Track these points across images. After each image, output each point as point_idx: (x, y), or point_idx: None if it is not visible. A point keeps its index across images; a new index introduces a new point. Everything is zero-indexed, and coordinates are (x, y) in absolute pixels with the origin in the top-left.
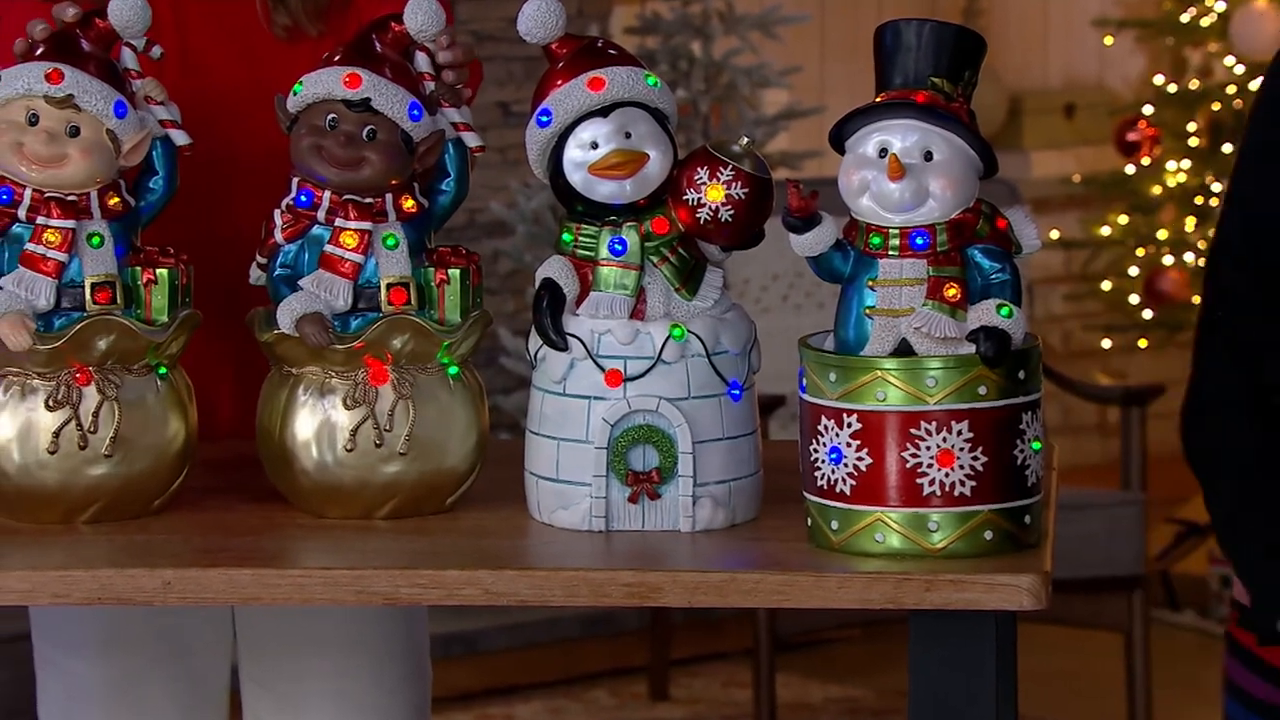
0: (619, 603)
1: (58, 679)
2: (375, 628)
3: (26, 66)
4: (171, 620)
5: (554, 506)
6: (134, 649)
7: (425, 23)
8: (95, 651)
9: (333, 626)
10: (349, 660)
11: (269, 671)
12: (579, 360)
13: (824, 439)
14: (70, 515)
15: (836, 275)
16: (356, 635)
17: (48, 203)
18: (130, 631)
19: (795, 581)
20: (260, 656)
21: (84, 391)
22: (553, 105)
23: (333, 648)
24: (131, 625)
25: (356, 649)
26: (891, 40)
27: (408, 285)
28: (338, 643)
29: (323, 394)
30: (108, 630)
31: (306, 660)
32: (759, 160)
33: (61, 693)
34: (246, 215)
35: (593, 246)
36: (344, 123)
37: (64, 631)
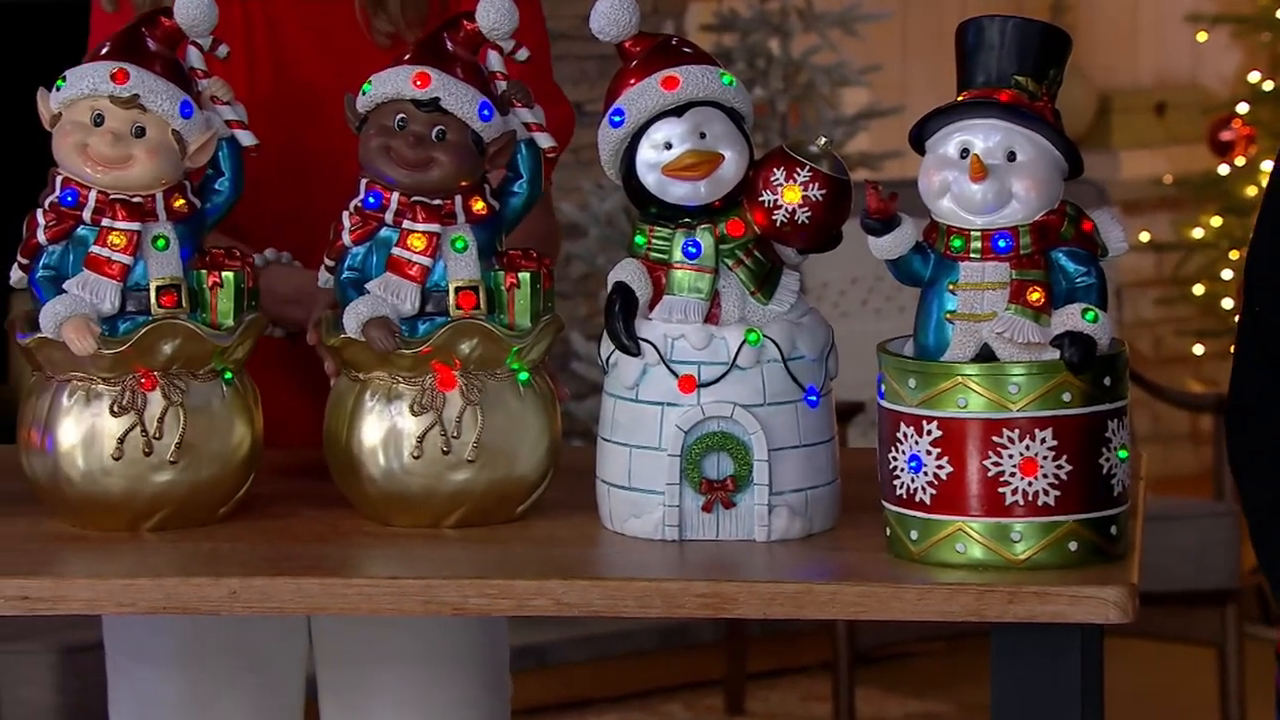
0: (693, 614)
1: (131, 689)
2: (455, 638)
3: (92, 66)
4: (247, 630)
5: (626, 515)
6: (210, 660)
7: (498, 20)
8: (170, 662)
9: (411, 637)
10: (428, 671)
11: (346, 682)
12: (652, 365)
13: (903, 447)
14: (135, 523)
15: (916, 279)
16: (436, 646)
17: (112, 205)
18: (206, 642)
19: (873, 593)
20: (337, 667)
21: (149, 397)
22: (626, 105)
23: (411, 659)
24: (207, 635)
25: (435, 660)
26: (974, 38)
27: (477, 289)
28: (416, 653)
29: (389, 400)
30: (183, 640)
31: (384, 671)
32: (837, 161)
33: (135, 703)
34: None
35: (666, 249)
36: (413, 123)
37: (139, 641)
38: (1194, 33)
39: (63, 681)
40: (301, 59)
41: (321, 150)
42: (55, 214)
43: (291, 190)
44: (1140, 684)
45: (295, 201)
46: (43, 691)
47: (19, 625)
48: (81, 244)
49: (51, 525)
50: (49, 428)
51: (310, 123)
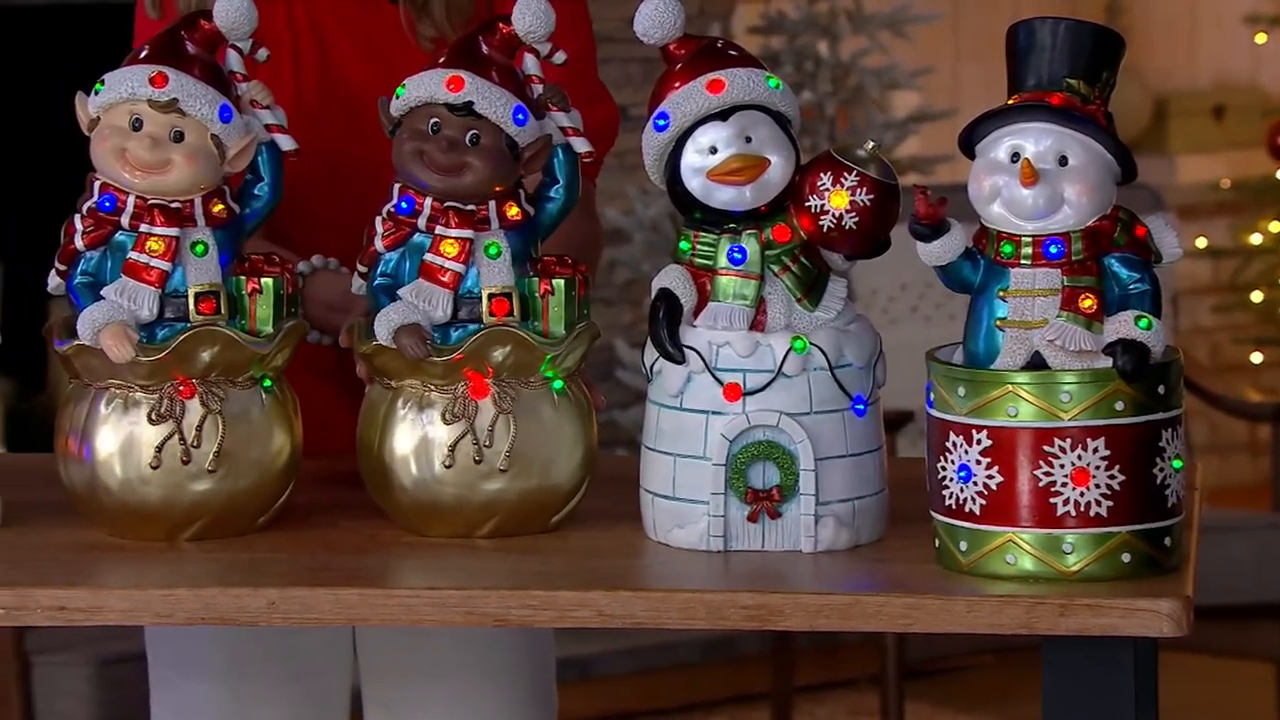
0: (738, 626)
1: (173, 700)
2: (502, 651)
3: (130, 70)
4: (292, 641)
5: (670, 525)
6: (254, 671)
7: (534, 23)
8: (213, 673)
9: (456, 648)
10: (475, 684)
11: (392, 694)
12: (696, 373)
13: (952, 456)
14: (173, 532)
15: (966, 285)
16: (482, 657)
17: (151, 210)
18: (250, 652)
19: (922, 605)
20: (382, 679)
21: (187, 405)
22: (670, 108)
23: (456, 670)
24: (251, 645)
25: (481, 671)
26: (1025, 40)
27: (510, 296)
28: (461, 665)
29: (421, 408)
30: (226, 651)
31: (430, 684)
32: (885, 165)
33: (176, 714)
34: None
35: (711, 255)
36: (446, 127)
37: (181, 651)
38: (1253, 34)
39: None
40: (346, 64)
41: (367, 156)
42: (93, 219)
43: (338, 196)
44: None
45: (341, 207)
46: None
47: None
48: (120, 250)
49: (89, 535)
50: (86, 436)
51: (356, 128)
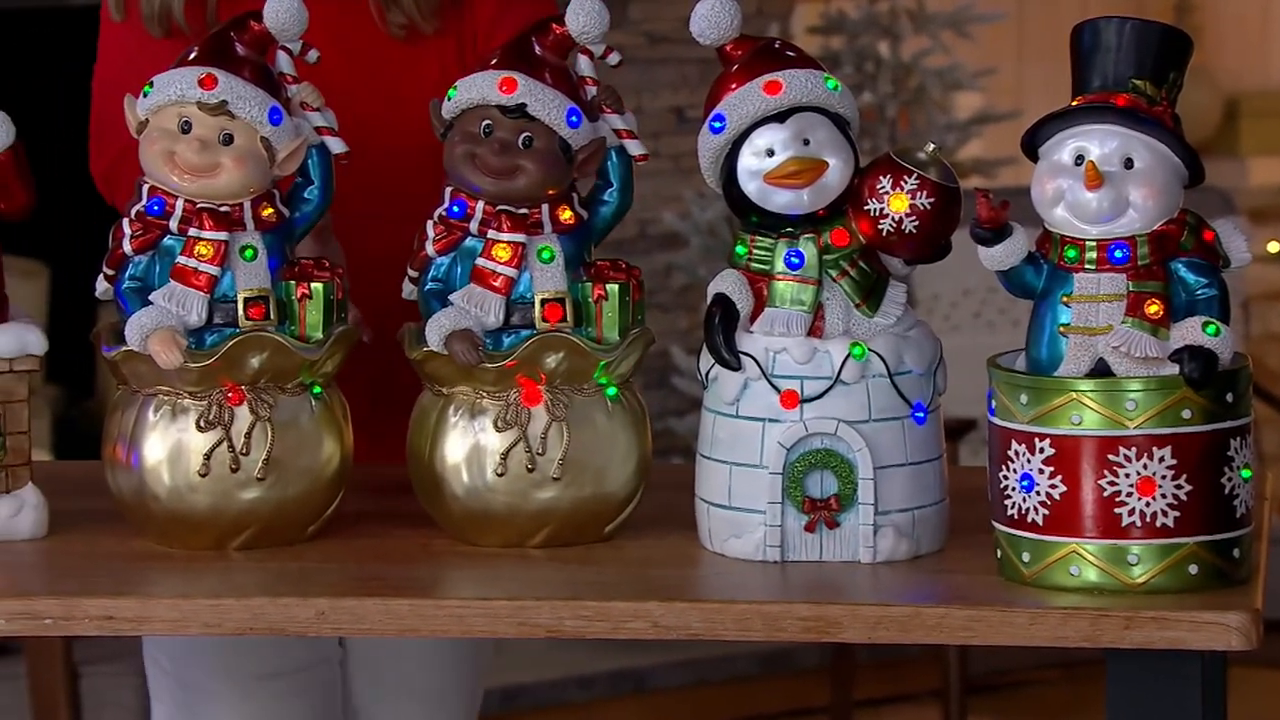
0: (795, 637)
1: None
2: (439, 675)
3: (180, 72)
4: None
5: (726, 535)
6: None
7: (588, 24)
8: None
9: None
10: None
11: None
12: (753, 380)
13: (1015, 465)
14: (222, 541)
15: (1028, 290)
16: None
17: (200, 214)
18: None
19: (983, 617)
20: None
21: (236, 412)
22: (726, 110)
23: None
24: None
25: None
26: (1090, 40)
27: (563, 301)
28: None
29: (473, 415)
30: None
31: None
32: (946, 168)
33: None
34: (362, 221)
35: (768, 259)
36: (499, 129)
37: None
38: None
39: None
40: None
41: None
42: (141, 223)
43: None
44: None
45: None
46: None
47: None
48: (168, 254)
49: (137, 543)
50: (134, 443)
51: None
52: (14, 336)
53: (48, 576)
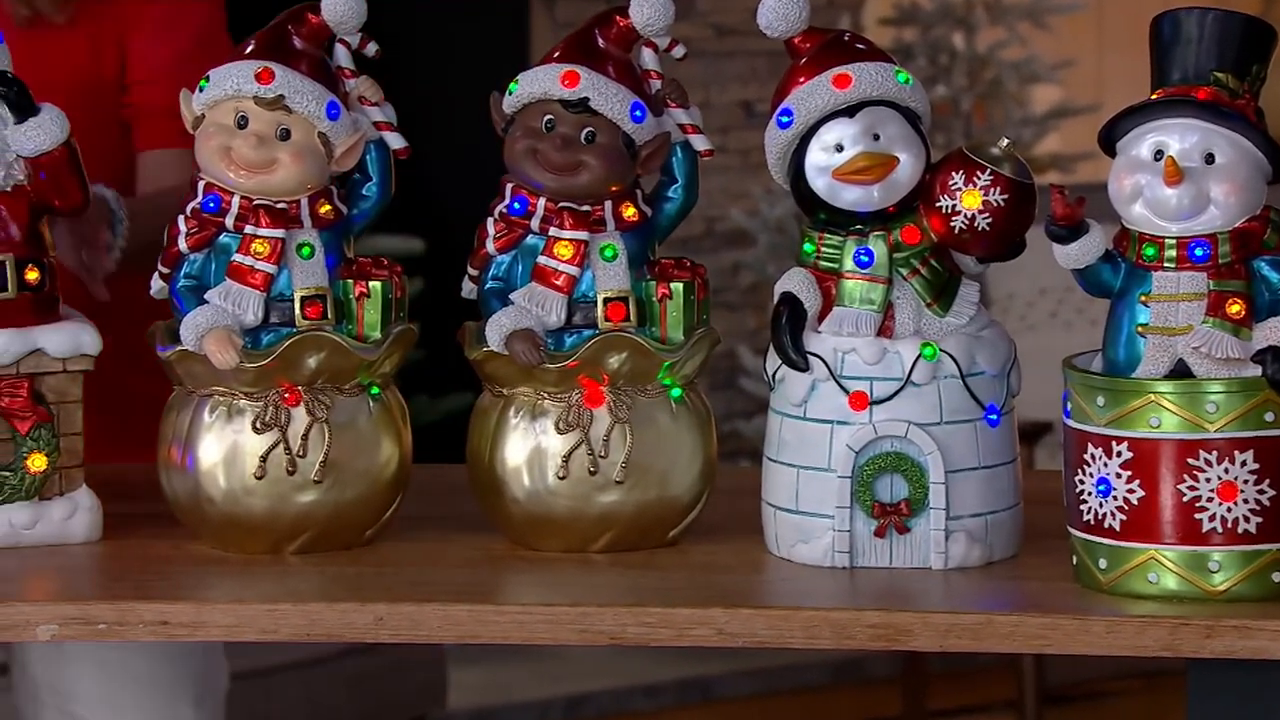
0: (864, 645)
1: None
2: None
3: (236, 66)
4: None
5: (793, 540)
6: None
7: (652, 16)
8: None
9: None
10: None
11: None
12: (821, 381)
13: (1091, 469)
14: (278, 545)
15: (1105, 289)
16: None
17: (256, 211)
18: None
19: (1058, 625)
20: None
21: (293, 413)
22: (794, 104)
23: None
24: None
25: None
26: (1170, 31)
27: (626, 300)
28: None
29: (534, 417)
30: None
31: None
32: (1020, 164)
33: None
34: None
35: (837, 258)
36: (561, 124)
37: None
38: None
39: None
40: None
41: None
42: (197, 220)
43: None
44: None
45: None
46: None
47: None
48: (224, 252)
49: (192, 547)
50: (190, 445)
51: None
52: (68, 336)
53: (102, 581)
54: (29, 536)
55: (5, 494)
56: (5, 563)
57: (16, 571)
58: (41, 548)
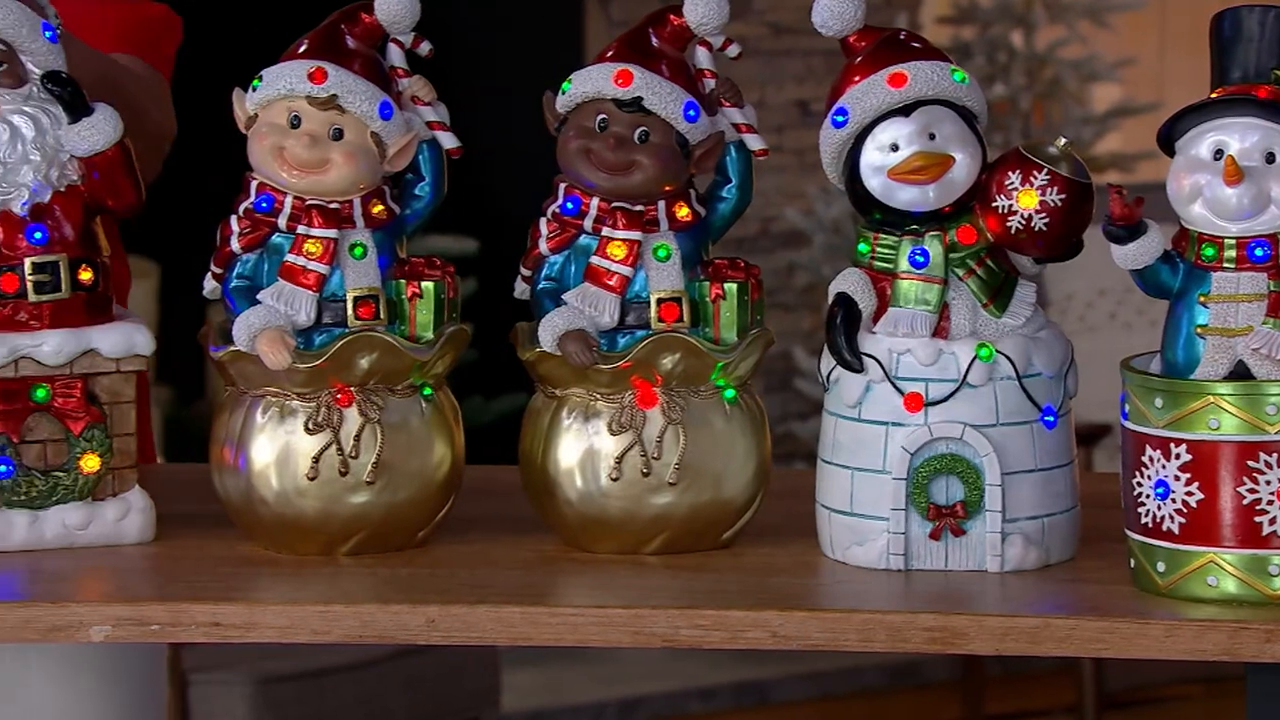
0: (919, 649)
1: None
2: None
3: (289, 65)
4: None
5: (848, 543)
6: None
7: (706, 15)
8: None
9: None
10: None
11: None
12: (876, 383)
13: (1149, 471)
14: (331, 546)
15: (1164, 290)
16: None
17: (309, 211)
18: None
19: (1116, 629)
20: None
21: (345, 413)
22: (849, 104)
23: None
24: None
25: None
26: (1230, 29)
27: (680, 300)
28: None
29: (587, 418)
30: None
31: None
32: (1078, 163)
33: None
34: None
35: (892, 258)
36: (614, 124)
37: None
38: None
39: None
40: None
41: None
42: (250, 221)
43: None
44: None
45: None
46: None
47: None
48: (277, 252)
49: (244, 548)
50: (242, 446)
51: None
52: (121, 336)
53: (154, 581)
54: (82, 537)
55: (59, 495)
56: (59, 563)
57: (70, 572)
58: (95, 548)
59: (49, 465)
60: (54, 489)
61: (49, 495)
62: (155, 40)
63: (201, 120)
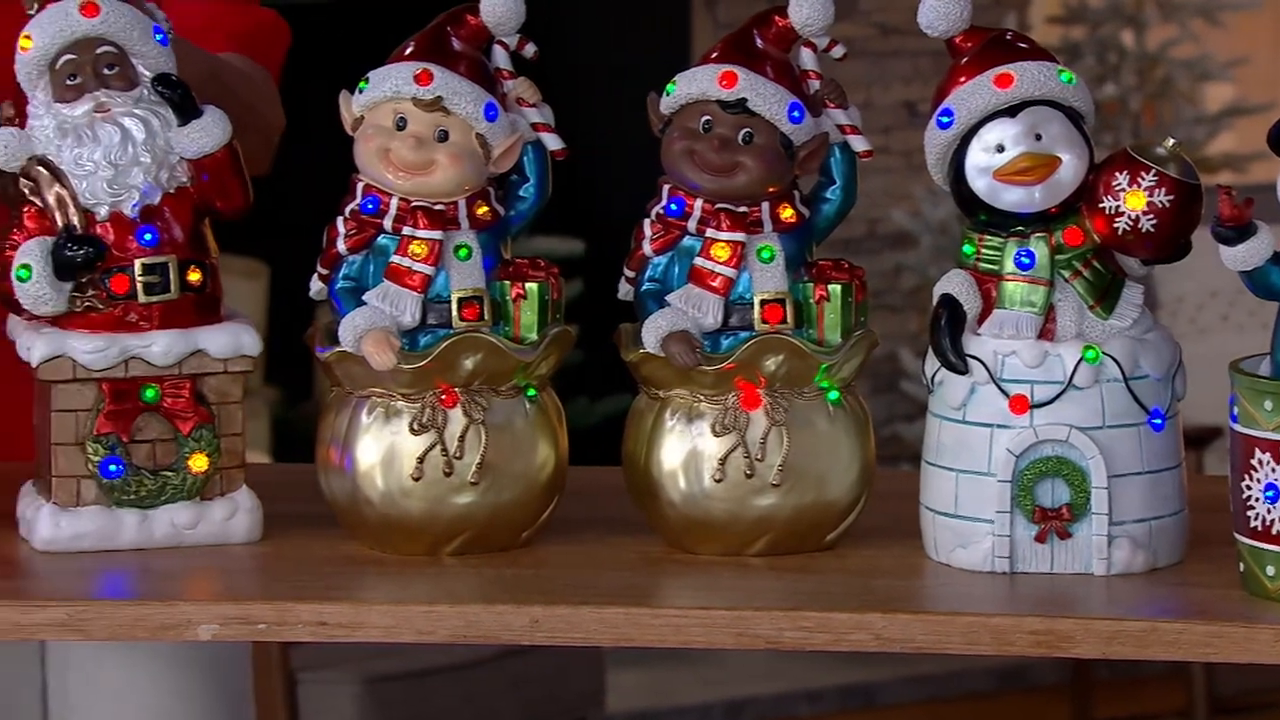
0: (1024, 652)
1: None
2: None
3: (395, 67)
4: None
5: (952, 545)
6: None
7: (811, 16)
8: None
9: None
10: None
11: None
12: (980, 384)
13: (1259, 475)
14: (436, 547)
15: (1273, 292)
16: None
17: (414, 212)
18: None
19: (1224, 633)
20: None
21: (449, 414)
22: (955, 104)
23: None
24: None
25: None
26: None
27: (784, 302)
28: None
29: (690, 419)
30: None
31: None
32: (1186, 164)
33: None
34: None
35: (997, 259)
36: (718, 125)
37: None
38: None
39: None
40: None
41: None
42: (356, 222)
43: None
44: None
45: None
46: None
47: (321, 653)
48: (382, 253)
49: (349, 548)
50: (348, 446)
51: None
52: (229, 337)
53: (261, 581)
54: (191, 536)
55: (168, 494)
56: (167, 562)
57: (179, 571)
58: (202, 548)
59: (158, 465)
60: (163, 488)
61: (158, 495)
62: (263, 44)
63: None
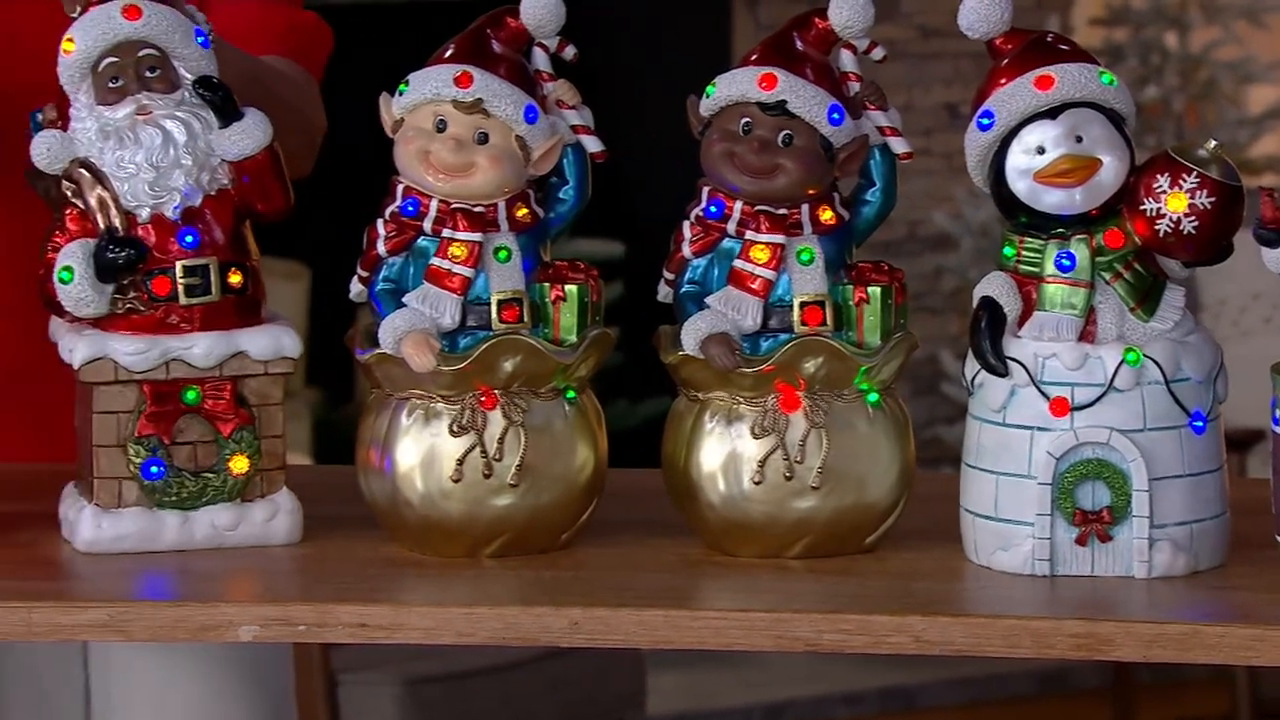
0: (1064, 655)
1: None
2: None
3: (435, 70)
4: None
5: (992, 547)
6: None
7: (851, 18)
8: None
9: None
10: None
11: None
12: (1020, 387)
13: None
14: (475, 548)
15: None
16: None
17: (454, 214)
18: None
19: (1267, 637)
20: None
21: (489, 416)
22: (995, 106)
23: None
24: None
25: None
26: None
27: (823, 304)
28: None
29: (730, 421)
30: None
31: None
32: (1228, 165)
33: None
34: None
35: (1038, 261)
36: (758, 127)
37: None
38: None
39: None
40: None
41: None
42: (396, 224)
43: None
44: None
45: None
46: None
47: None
48: (422, 255)
49: (389, 550)
50: (388, 448)
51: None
52: (269, 339)
53: (301, 582)
54: (231, 538)
55: (209, 496)
56: (208, 563)
57: (220, 572)
58: (243, 549)
59: (199, 466)
60: (204, 490)
61: (199, 496)
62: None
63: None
